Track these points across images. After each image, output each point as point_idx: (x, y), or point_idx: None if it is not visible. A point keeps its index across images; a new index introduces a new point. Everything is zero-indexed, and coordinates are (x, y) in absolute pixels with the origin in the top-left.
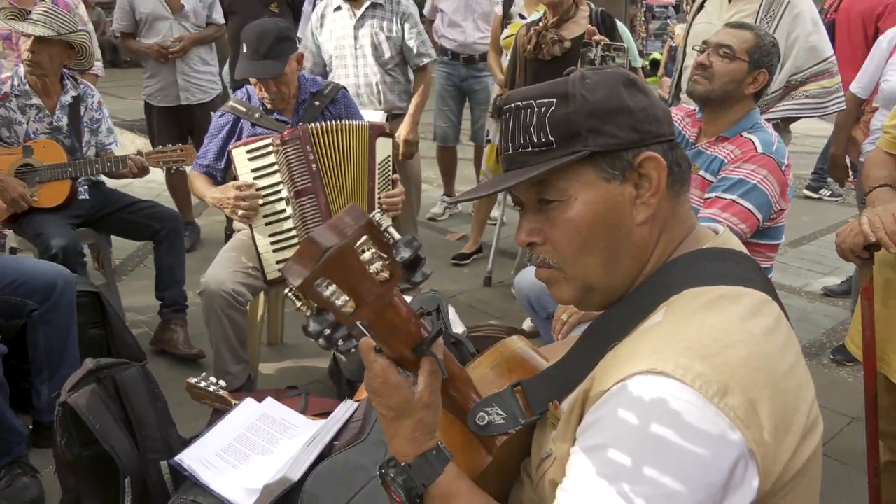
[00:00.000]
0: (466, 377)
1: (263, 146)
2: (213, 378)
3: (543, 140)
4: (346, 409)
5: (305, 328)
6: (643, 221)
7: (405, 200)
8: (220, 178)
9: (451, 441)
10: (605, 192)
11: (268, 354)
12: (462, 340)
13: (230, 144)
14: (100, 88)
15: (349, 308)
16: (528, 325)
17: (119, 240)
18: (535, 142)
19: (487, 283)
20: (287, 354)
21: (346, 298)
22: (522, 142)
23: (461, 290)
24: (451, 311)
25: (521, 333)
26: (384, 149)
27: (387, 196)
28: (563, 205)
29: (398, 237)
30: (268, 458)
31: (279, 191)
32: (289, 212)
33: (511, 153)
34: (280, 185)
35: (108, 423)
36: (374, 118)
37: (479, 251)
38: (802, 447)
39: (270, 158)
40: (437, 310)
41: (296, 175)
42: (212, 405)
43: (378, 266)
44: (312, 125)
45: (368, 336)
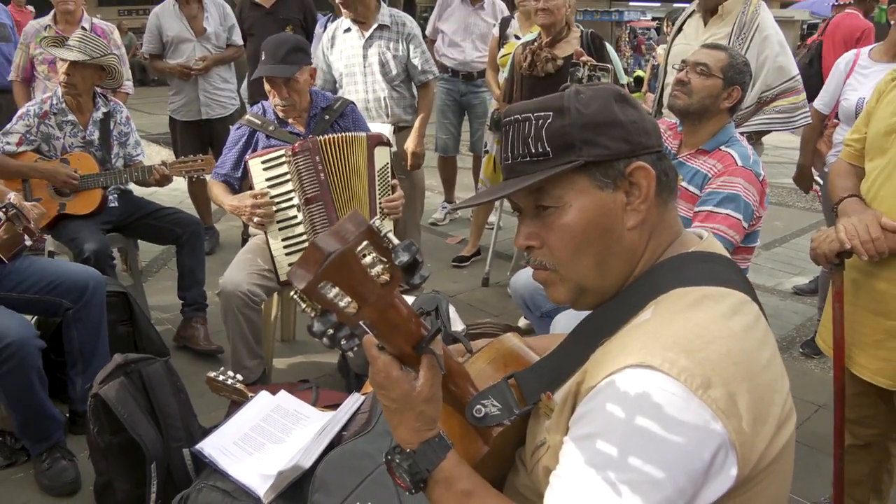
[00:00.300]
0: (464, 372)
1: (277, 157)
2: (231, 372)
3: (541, 150)
4: (354, 402)
5: (310, 328)
6: (633, 227)
7: (411, 206)
8: (238, 186)
9: (450, 432)
10: (598, 200)
11: (281, 350)
12: (460, 338)
13: (246, 155)
14: (129, 105)
15: (352, 309)
16: (524, 323)
17: (145, 243)
18: (533, 152)
19: (485, 284)
20: (299, 350)
21: (349, 300)
22: (521, 152)
23: (460, 290)
24: (452, 310)
25: (517, 330)
26: (382, 157)
27: (387, 201)
28: (559, 211)
29: (397, 242)
30: (281, 447)
31: (291, 198)
32: (300, 218)
33: (510, 162)
34: (292, 193)
35: (136, 413)
36: (383, 131)
37: (478, 254)
38: (778, 437)
39: (283, 168)
40: (437, 309)
41: (306, 184)
42: (230, 397)
43: (379, 269)
44: (321, 137)
45: (371, 335)
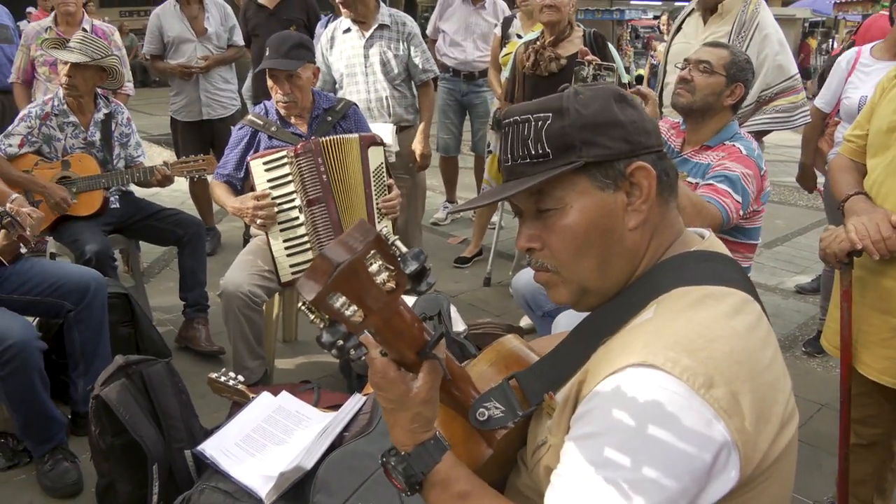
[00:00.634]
0: (466, 375)
1: (279, 158)
2: (233, 373)
3: (540, 152)
4: (356, 403)
5: (319, 339)
6: (635, 227)
7: (412, 206)
8: (239, 187)
9: (453, 435)
10: (599, 200)
11: (283, 351)
12: (462, 342)
13: (248, 156)
14: (130, 106)
15: (357, 317)
16: (525, 323)
17: (147, 245)
18: (533, 153)
19: (487, 284)
20: (301, 351)
21: (355, 308)
22: (521, 154)
23: (462, 290)
24: (453, 310)
25: (519, 330)
26: (376, 157)
27: (384, 201)
28: (560, 212)
29: (405, 250)
30: (283, 448)
31: (293, 199)
32: (301, 219)
33: (510, 164)
34: (294, 195)
35: (137, 415)
36: (385, 130)
37: (480, 254)
38: (780, 436)
39: (285, 169)
40: (439, 314)
41: (308, 185)
42: (231, 398)
43: (385, 276)
44: (323, 139)
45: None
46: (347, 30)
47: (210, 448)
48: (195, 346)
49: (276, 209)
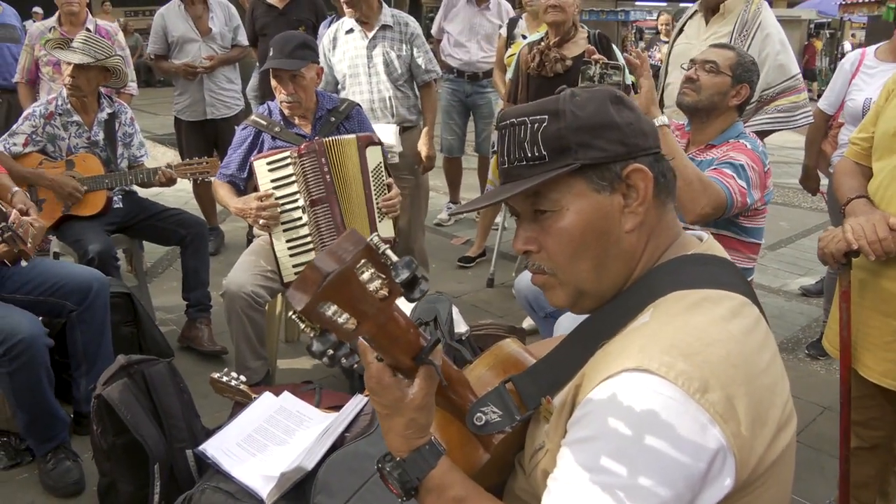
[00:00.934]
0: (464, 380)
1: (282, 158)
2: (235, 373)
3: (537, 154)
4: (357, 403)
5: (309, 348)
6: (631, 229)
7: (416, 206)
8: (243, 187)
9: (450, 439)
10: (596, 203)
11: (285, 351)
12: (459, 348)
13: (252, 156)
14: (134, 106)
15: (351, 325)
16: (528, 324)
17: (150, 244)
18: (529, 156)
19: (490, 285)
20: (303, 351)
21: (348, 316)
22: (517, 156)
23: (465, 291)
24: (455, 311)
25: (521, 331)
26: (374, 157)
27: (384, 200)
28: (556, 215)
29: (395, 259)
30: (284, 448)
31: (296, 200)
32: (304, 219)
33: (507, 167)
34: (297, 195)
35: (139, 415)
36: (388, 131)
37: (483, 255)
38: (777, 440)
39: (289, 170)
40: (435, 319)
41: (311, 186)
42: (233, 398)
43: (377, 284)
44: (326, 139)
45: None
46: (350, 30)
47: (211, 448)
48: (197, 346)
49: (280, 209)
